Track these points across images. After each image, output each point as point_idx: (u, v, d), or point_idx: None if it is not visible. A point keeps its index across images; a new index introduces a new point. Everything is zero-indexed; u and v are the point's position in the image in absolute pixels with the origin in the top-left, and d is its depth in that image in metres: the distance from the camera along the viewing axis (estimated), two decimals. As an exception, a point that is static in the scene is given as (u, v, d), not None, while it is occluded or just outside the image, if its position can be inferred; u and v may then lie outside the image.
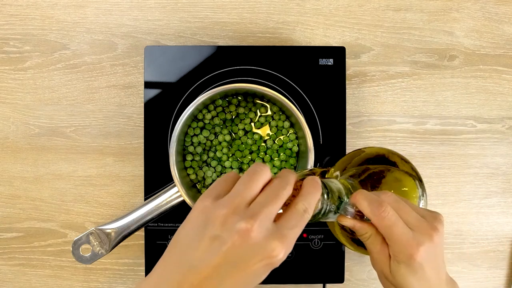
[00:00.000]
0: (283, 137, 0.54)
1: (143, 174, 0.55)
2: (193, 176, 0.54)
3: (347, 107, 0.57)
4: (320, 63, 0.56)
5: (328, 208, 0.38)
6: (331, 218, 0.39)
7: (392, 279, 0.39)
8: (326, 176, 0.44)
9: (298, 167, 0.54)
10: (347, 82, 0.58)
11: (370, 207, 0.38)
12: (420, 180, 0.46)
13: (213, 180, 0.54)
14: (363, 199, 0.38)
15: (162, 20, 0.59)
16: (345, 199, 0.39)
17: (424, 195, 0.45)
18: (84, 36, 0.59)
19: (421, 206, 0.45)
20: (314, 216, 0.38)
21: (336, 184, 0.40)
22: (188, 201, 0.49)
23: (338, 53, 0.56)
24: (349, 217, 0.39)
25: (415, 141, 0.59)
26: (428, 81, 0.59)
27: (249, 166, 0.54)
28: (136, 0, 0.59)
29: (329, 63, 0.56)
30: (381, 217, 0.37)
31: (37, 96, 0.59)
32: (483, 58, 0.59)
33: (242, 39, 0.59)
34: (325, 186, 0.38)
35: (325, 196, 0.37)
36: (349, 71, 0.59)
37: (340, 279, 0.55)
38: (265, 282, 0.55)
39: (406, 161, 0.47)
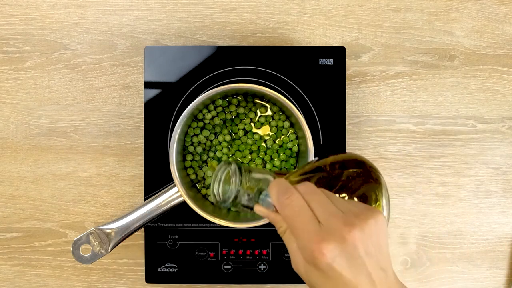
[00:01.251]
0: (283, 137, 0.54)
1: (143, 174, 0.55)
2: (193, 176, 0.54)
3: (347, 107, 0.57)
4: (320, 63, 0.56)
5: (241, 194, 0.36)
6: (249, 206, 0.37)
7: (308, 283, 0.33)
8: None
9: (298, 167, 0.54)
10: (347, 82, 0.58)
11: (277, 194, 0.34)
12: (384, 186, 0.40)
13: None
14: (273, 186, 0.34)
15: (162, 20, 0.59)
16: (266, 189, 0.36)
17: (388, 203, 0.39)
18: (84, 36, 0.59)
19: (384, 213, 0.38)
20: (225, 201, 0.37)
21: (263, 174, 0.38)
22: (188, 201, 0.49)
23: (338, 53, 0.56)
24: (266, 207, 0.36)
25: (415, 141, 0.59)
26: (428, 81, 0.59)
27: (249, 166, 0.54)
28: (136, 0, 0.59)
29: (329, 63, 0.56)
30: (283, 205, 0.33)
31: (37, 96, 0.59)
32: (483, 58, 0.59)
33: (242, 39, 0.59)
34: (240, 171, 0.36)
35: (237, 180, 0.36)
36: (349, 71, 0.59)
37: (340, 279, 0.55)
38: (265, 281, 0.55)
39: (371, 168, 0.40)
